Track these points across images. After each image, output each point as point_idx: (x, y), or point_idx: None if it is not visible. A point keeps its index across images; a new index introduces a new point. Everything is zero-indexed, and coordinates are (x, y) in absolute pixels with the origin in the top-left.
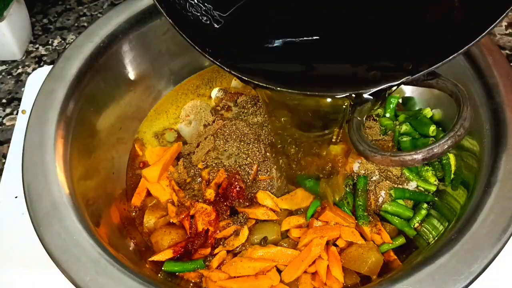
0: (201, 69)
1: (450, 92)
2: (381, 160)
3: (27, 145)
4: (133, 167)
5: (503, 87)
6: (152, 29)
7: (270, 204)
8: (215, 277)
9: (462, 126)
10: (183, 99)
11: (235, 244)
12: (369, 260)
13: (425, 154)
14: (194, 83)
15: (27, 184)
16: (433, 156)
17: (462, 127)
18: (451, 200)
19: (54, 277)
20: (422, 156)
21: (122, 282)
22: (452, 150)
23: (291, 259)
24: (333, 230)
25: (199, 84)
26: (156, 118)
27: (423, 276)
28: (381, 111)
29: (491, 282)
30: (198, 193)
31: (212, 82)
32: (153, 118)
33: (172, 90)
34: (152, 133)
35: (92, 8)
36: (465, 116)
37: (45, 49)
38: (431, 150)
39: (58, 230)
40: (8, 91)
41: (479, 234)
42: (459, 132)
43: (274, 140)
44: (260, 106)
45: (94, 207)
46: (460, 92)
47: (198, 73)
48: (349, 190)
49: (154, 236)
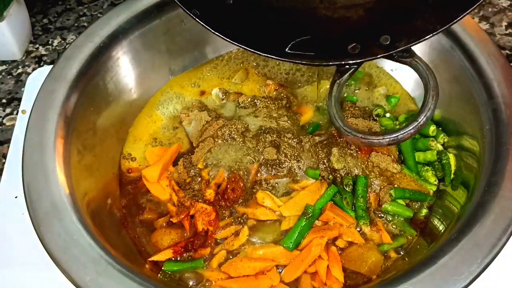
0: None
1: (420, 75)
2: (352, 139)
3: (27, 145)
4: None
5: (503, 87)
6: (152, 29)
7: (270, 204)
8: (215, 277)
9: (426, 116)
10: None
11: (235, 244)
12: (369, 260)
13: (390, 140)
14: (194, 83)
15: (27, 184)
16: (397, 141)
17: (425, 116)
18: (451, 200)
19: (54, 277)
20: (387, 142)
21: (122, 282)
22: (452, 150)
23: (291, 259)
24: (333, 230)
25: (200, 83)
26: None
27: (423, 276)
28: (381, 111)
29: (491, 282)
30: (198, 193)
31: (213, 82)
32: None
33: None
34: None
35: (92, 8)
36: (430, 105)
37: (45, 49)
38: (395, 137)
39: (58, 230)
40: (8, 91)
41: (479, 234)
42: (422, 121)
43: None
44: (260, 106)
45: (94, 207)
46: (429, 77)
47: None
48: (349, 190)
49: (154, 236)
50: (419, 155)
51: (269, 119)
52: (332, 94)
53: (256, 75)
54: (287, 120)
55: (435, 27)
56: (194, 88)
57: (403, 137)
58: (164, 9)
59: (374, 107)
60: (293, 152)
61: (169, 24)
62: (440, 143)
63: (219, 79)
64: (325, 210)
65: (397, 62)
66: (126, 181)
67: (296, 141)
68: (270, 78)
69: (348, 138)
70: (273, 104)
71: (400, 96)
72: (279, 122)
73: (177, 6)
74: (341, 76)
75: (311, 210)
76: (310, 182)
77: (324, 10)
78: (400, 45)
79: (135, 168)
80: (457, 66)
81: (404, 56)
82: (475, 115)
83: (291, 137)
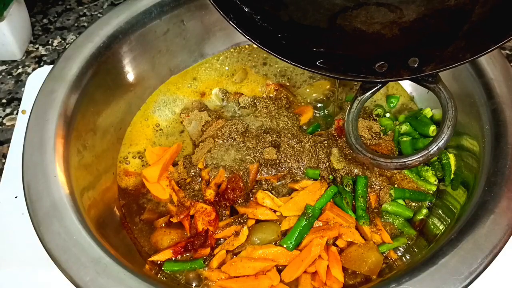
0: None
1: (441, 102)
2: (361, 158)
3: (27, 145)
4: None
5: (503, 87)
6: (152, 30)
7: (270, 204)
8: (215, 277)
9: (437, 146)
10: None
11: (235, 244)
12: (369, 260)
13: (398, 165)
14: (194, 82)
15: (27, 184)
16: (405, 167)
17: (437, 146)
18: (451, 200)
19: (54, 277)
20: (395, 167)
21: (122, 282)
22: (452, 150)
23: (291, 259)
24: (333, 230)
25: (200, 84)
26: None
27: (423, 276)
28: (381, 111)
29: (491, 282)
30: (198, 193)
31: (212, 82)
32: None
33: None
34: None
35: (92, 8)
36: (444, 136)
37: (45, 49)
38: (403, 163)
39: (58, 230)
40: (8, 91)
41: (479, 234)
42: (433, 151)
43: None
44: (260, 106)
45: (94, 207)
46: (448, 107)
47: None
48: (349, 190)
49: (154, 236)
50: None
51: (269, 119)
52: (351, 110)
53: (255, 74)
54: (287, 120)
55: (465, 56)
56: (195, 88)
57: (411, 164)
58: (164, 9)
59: (374, 107)
60: (293, 152)
61: (169, 24)
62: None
63: (216, 78)
64: (325, 210)
65: (421, 85)
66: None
67: (296, 141)
68: (270, 78)
69: (358, 156)
70: (273, 104)
71: (400, 96)
72: (279, 122)
73: (177, 6)
74: (363, 93)
75: (311, 210)
76: (310, 182)
77: (360, 24)
78: (427, 70)
79: (133, 172)
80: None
81: (429, 81)
82: (475, 115)
83: (291, 137)
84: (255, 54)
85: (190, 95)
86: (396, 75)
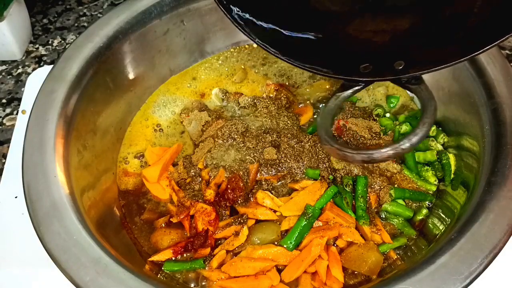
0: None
1: (421, 100)
2: (328, 149)
3: (27, 145)
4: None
5: (503, 87)
6: (152, 30)
7: (270, 204)
8: (215, 277)
9: (410, 140)
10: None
11: (235, 244)
12: (369, 260)
13: (364, 157)
14: (194, 82)
15: (27, 184)
16: (372, 160)
17: (409, 141)
18: (451, 200)
19: (54, 277)
20: (362, 158)
21: (122, 282)
22: (452, 150)
23: (291, 259)
24: (333, 230)
25: (200, 84)
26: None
27: (423, 276)
28: (381, 111)
29: (491, 282)
30: (198, 193)
31: (212, 82)
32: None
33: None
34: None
35: (92, 8)
36: (418, 132)
37: (45, 49)
38: (371, 155)
39: (58, 230)
40: (8, 91)
41: (479, 234)
42: (404, 146)
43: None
44: (260, 106)
45: (94, 207)
46: (428, 108)
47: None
48: (349, 190)
49: (154, 236)
50: (419, 155)
51: (269, 119)
52: (327, 104)
53: (255, 74)
54: (287, 120)
55: (450, 59)
56: (195, 88)
57: (379, 157)
58: (164, 9)
59: (374, 107)
60: (293, 152)
61: (169, 24)
62: (440, 143)
63: (216, 78)
64: (325, 210)
65: (402, 87)
66: (125, 182)
67: (296, 141)
68: (270, 78)
69: (325, 147)
70: (273, 104)
71: (400, 96)
72: (279, 122)
73: (177, 6)
74: (343, 91)
75: (311, 210)
76: (310, 182)
77: (352, 30)
78: (411, 71)
79: (132, 172)
80: (457, 66)
81: (412, 82)
82: (475, 115)
83: (291, 137)
84: (255, 54)
85: (190, 95)
86: (380, 75)
